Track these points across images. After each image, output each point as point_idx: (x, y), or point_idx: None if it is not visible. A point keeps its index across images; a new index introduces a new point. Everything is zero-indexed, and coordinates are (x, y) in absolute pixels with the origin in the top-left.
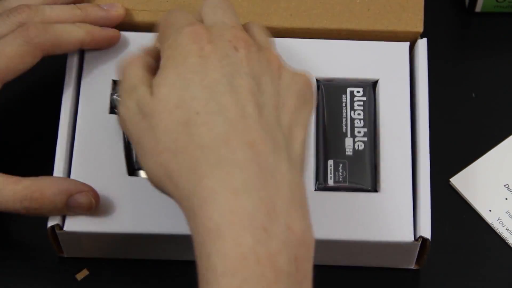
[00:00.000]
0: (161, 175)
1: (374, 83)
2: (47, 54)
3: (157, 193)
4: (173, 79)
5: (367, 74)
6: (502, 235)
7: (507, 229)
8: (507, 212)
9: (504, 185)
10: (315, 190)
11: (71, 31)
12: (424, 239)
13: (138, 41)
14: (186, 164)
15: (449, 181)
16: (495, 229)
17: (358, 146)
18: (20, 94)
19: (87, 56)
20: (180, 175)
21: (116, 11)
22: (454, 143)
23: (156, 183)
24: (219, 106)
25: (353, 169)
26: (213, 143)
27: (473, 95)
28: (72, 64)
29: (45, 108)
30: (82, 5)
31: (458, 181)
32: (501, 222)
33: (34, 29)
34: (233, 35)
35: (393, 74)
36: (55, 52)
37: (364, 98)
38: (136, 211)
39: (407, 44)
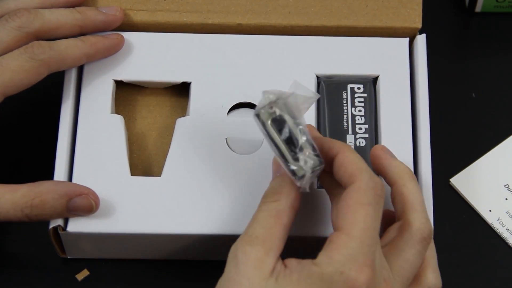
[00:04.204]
0: None
1: (375, 79)
2: (52, 71)
3: (158, 193)
4: None
5: (367, 71)
6: (502, 235)
7: (507, 229)
8: (507, 212)
9: (504, 185)
10: (317, 187)
11: (75, 46)
12: None
13: (136, 41)
14: None
15: (449, 181)
16: (495, 229)
17: (359, 142)
18: (20, 95)
19: None
20: None
21: (115, 15)
22: (454, 143)
23: None
24: None
25: None
26: None
27: (473, 95)
28: None
29: (46, 109)
30: (81, 8)
31: (458, 181)
32: (501, 222)
33: (39, 46)
34: None
35: (393, 70)
36: (61, 68)
37: (365, 95)
38: (138, 212)
39: (407, 40)
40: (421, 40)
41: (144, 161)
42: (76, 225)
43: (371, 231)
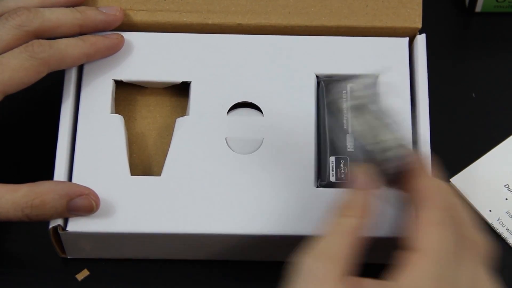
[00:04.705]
0: None
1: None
2: (52, 70)
3: (158, 193)
4: None
5: (367, 70)
6: (502, 235)
7: (507, 229)
8: (507, 212)
9: (504, 185)
10: (317, 187)
11: (75, 45)
12: None
13: (136, 41)
14: None
15: (450, 181)
16: (495, 229)
17: None
18: (20, 95)
19: None
20: None
21: (115, 15)
22: (454, 143)
23: None
24: None
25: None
26: None
27: (473, 95)
28: None
29: (46, 109)
30: (82, 8)
31: (459, 181)
32: (501, 222)
33: (38, 45)
34: None
35: (393, 70)
36: (61, 67)
37: None
38: (138, 212)
39: (407, 39)
40: (421, 40)
41: (144, 161)
42: (76, 225)
43: (448, 253)
